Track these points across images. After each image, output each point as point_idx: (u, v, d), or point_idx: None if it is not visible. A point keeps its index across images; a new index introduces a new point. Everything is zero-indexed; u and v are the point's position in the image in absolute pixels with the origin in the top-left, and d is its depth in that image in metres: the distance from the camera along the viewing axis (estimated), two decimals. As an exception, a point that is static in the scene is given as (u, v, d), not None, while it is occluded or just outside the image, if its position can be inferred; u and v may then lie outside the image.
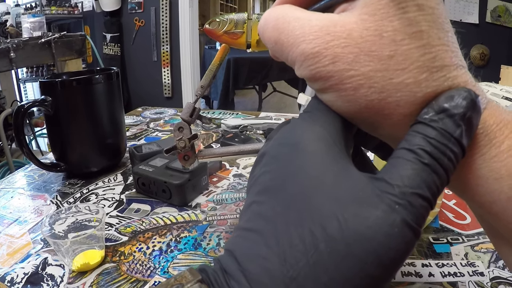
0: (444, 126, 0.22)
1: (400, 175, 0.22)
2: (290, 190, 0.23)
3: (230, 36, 0.44)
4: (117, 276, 0.48)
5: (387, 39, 0.23)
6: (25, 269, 0.50)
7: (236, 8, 8.39)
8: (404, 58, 0.23)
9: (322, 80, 0.25)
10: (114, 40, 3.67)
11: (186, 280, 0.23)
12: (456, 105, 0.22)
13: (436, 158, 0.22)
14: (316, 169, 0.23)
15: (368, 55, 0.23)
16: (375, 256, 0.20)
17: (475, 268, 0.49)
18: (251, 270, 0.22)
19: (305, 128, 0.26)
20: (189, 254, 0.53)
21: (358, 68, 0.23)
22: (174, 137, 0.43)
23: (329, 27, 0.24)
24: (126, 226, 0.60)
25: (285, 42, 0.26)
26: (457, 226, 0.58)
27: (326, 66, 0.24)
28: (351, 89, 0.24)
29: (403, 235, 0.20)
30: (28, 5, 3.45)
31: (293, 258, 0.21)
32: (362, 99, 0.24)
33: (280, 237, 0.22)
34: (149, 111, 1.35)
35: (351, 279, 0.20)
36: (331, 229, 0.21)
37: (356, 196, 0.21)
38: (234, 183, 0.74)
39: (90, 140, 0.77)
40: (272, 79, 4.73)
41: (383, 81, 0.23)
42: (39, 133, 2.85)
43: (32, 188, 0.75)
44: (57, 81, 0.72)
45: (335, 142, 0.25)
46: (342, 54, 0.23)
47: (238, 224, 0.25)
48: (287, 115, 1.22)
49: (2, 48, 2.16)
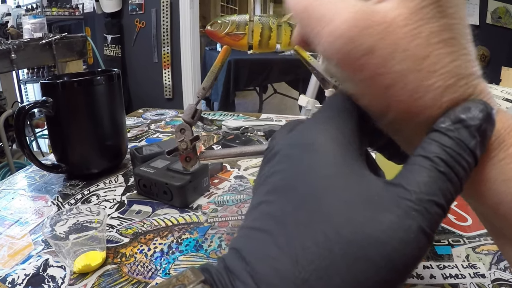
0: (460, 136, 0.23)
1: (417, 182, 0.22)
2: (302, 190, 0.23)
3: (232, 38, 0.44)
4: (119, 278, 0.48)
5: (423, 40, 0.23)
6: (26, 270, 0.50)
7: (237, 9, 8.40)
8: (436, 62, 0.23)
9: (351, 69, 0.24)
10: (114, 41, 3.67)
11: (188, 281, 0.23)
12: (473, 117, 0.23)
13: (451, 166, 0.22)
14: (329, 170, 0.23)
15: (404, 53, 0.23)
16: (389, 261, 0.20)
17: (476, 270, 0.49)
18: (260, 271, 0.21)
19: (319, 129, 0.25)
20: (190, 256, 0.53)
21: (393, 65, 0.23)
22: (175, 139, 0.43)
23: (368, 14, 0.23)
24: (127, 228, 0.60)
25: (316, 12, 0.24)
26: (458, 228, 0.58)
27: (360, 56, 0.23)
28: (383, 86, 0.23)
29: (417, 241, 0.21)
30: (29, 6, 3.45)
31: (305, 259, 0.21)
32: (392, 97, 0.24)
33: (291, 238, 0.21)
34: (150, 112, 1.35)
35: (363, 283, 0.20)
36: (346, 232, 0.21)
37: (371, 200, 0.21)
38: (235, 185, 0.74)
39: (91, 141, 0.77)
40: (273, 81, 4.73)
41: (416, 82, 0.23)
42: (40, 134, 2.85)
43: (33, 189, 0.75)
44: (58, 82, 0.72)
45: (349, 143, 0.25)
46: (379, 47, 0.23)
47: (245, 223, 0.25)
48: (288, 116, 1.22)
49: (3, 49, 2.16)
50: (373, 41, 0.23)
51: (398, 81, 0.23)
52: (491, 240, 0.55)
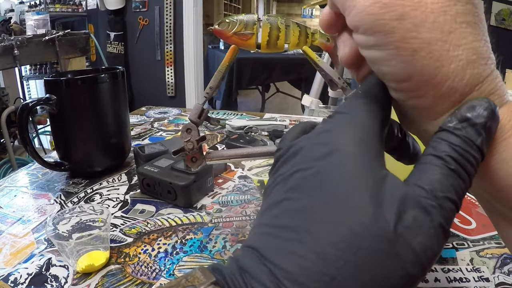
0: (467, 134, 0.24)
1: (430, 180, 0.23)
2: (327, 188, 0.23)
3: (239, 37, 0.43)
4: (122, 278, 0.48)
5: (449, 17, 0.24)
6: (28, 269, 0.50)
7: (240, 8, 8.39)
8: (461, 37, 0.24)
9: (382, 33, 0.25)
10: (118, 38, 3.67)
11: (198, 282, 0.22)
12: (478, 115, 0.24)
13: (461, 164, 0.23)
14: (354, 170, 0.24)
15: (432, 24, 0.24)
16: (415, 255, 0.21)
17: (480, 274, 0.49)
18: (286, 268, 0.21)
19: (343, 130, 0.26)
20: (194, 256, 0.52)
21: (421, 31, 0.24)
22: (182, 139, 0.43)
23: None
24: (131, 227, 0.59)
25: None
26: (462, 231, 0.58)
27: (392, 20, 0.24)
28: (410, 49, 0.24)
29: (437, 236, 0.22)
30: (32, 3, 3.44)
31: (333, 256, 0.21)
32: (418, 61, 0.25)
33: (318, 234, 0.22)
34: (153, 110, 1.35)
35: (391, 278, 0.21)
36: (374, 228, 0.21)
37: (395, 198, 0.22)
38: (239, 185, 0.74)
39: (95, 139, 0.77)
40: (276, 80, 4.73)
41: (441, 51, 0.24)
42: (42, 130, 2.85)
43: (35, 187, 0.75)
44: (62, 80, 0.72)
45: (372, 145, 0.25)
46: (410, 15, 0.24)
47: (261, 221, 0.25)
48: (292, 116, 1.22)
49: (6, 45, 2.16)
50: (405, 9, 0.24)
51: (425, 47, 0.24)
52: (495, 244, 0.55)
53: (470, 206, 0.65)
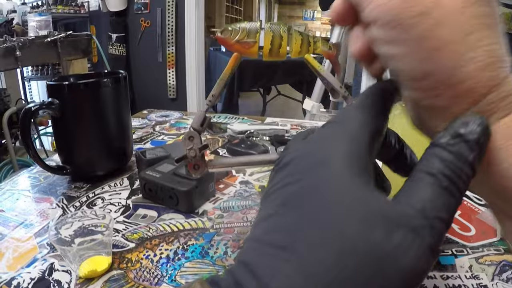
0: (460, 151, 0.23)
1: (421, 198, 0.22)
2: (314, 205, 0.23)
3: (242, 45, 0.43)
4: (125, 284, 0.48)
5: (466, 18, 0.24)
6: (31, 274, 0.50)
7: (242, 10, 8.40)
8: (479, 40, 0.24)
9: (402, 28, 0.25)
10: (119, 40, 3.67)
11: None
12: (471, 131, 0.24)
13: (453, 181, 0.23)
14: (341, 186, 0.23)
15: (453, 23, 0.24)
16: (402, 275, 0.21)
17: (479, 281, 0.49)
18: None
19: (333, 142, 0.26)
20: (196, 262, 0.53)
21: (441, 31, 0.24)
22: (184, 147, 0.43)
23: None
24: (133, 232, 0.60)
25: None
26: (462, 238, 0.58)
27: (413, 16, 0.24)
28: (430, 47, 0.25)
29: (426, 256, 0.21)
30: (34, 4, 3.46)
31: (318, 275, 0.21)
32: (438, 60, 0.25)
33: (304, 253, 0.21)
34: (155, 113, 1.35)
35: None
36: (361, 247, 0.21)
37: (384, 217, 0.22)
38: (240, 190, 0.74)
39: (97, 144, 0.77)
40: (277, 82, 4.73)
41: (461, 51, 0.24)
42: (43, 132, 2.85)
43: (37, 190, 0.75)
44: (65, 84, 0.72)
45: (361, 158, 0.25)
46: (431, 13, 0.24)
47: (254, 234, 0.25)
48: (293, 120, 1.22)
49: (8, 46, 2.17)
50: (426, 6, 0.24)
51: (445, 46, 0.24)
52: (494, 251, 0.55)
53: (469, 212, 0.66)
